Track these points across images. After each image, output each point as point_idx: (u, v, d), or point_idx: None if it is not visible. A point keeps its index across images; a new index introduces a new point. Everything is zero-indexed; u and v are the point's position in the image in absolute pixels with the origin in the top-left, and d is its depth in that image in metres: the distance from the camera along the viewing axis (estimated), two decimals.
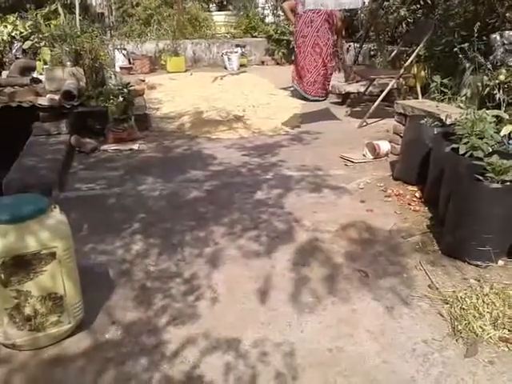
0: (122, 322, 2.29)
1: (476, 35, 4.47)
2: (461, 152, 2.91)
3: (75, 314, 2.16)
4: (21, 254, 1.96)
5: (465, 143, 2.93)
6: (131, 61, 9.79)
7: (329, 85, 7.00)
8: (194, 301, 2.44)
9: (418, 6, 7.22)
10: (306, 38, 6.76)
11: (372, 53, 8.46)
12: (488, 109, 3.52)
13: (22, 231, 1.97)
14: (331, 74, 7.03)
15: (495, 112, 3.37)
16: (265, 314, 2.34)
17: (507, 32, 4.75)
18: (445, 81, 4.43)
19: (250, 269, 2.72)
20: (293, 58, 7.71)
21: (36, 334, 2.08)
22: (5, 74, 6.57)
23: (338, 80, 7.11)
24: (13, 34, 7.65)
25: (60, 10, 7.22)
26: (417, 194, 3.60)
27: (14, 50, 7.66)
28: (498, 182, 2.59)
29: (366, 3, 6.31)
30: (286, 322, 2.27)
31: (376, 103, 5.62)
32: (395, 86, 5.91)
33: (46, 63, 6.07)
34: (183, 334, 2.20)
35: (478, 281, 2.53)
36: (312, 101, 6.91)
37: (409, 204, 3.47)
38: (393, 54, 6.63)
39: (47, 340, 2.12)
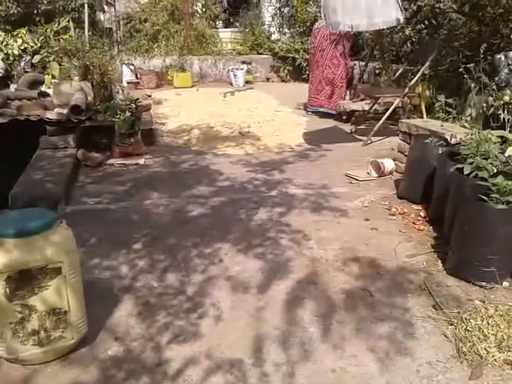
0: (124, 338, 2.28)
1: (481, 55, 4.50)
2: (465, 172, 2.91)
3: (78, 330, 2.16)
4: (26, 268, 1.97)
5: (470, 163, 2.94)
6: (138, 76, 9.90)
7: (345, 97, 7.11)
8: (197, 318, 2.43)
9: (423, 25, 7.28)
10: (325, 52, 6.91)
11: (377, 71, 8.51)
12: (493, 129, 3.53)
13: (28, 246, 1.98)
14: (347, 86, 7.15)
15: (500, 132, 3.37)
16: (268, 332, 2.32)
17: None
18: (449, 100, 4.44)
19: (254, 287, 2.71)
20: (308, 80, 7.81)
21: (39, 348, 2.08)
22: (13, 87, 6.65)
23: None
24: (22, 48, 7.76)
25: (71, 25, 7.33)
26: (421, 213, 3.59)
27: (22, 64, 7.77)
28: (503, 203, 2.58)
29: (401, 20, 5.65)
30: (289, 342, 2.26)
31: (381, 121, 5.65)
32: (400, 104, 5.93)
33: (54, 77, 6.15)
34: (186, 353, 2.18)
35: (483, 302, 2.51)
36: (331, 114, 6.97)
37: (413, 223, 3.47)
38: (398, 72, 6.66)
39: (50, 355, 2.12)
